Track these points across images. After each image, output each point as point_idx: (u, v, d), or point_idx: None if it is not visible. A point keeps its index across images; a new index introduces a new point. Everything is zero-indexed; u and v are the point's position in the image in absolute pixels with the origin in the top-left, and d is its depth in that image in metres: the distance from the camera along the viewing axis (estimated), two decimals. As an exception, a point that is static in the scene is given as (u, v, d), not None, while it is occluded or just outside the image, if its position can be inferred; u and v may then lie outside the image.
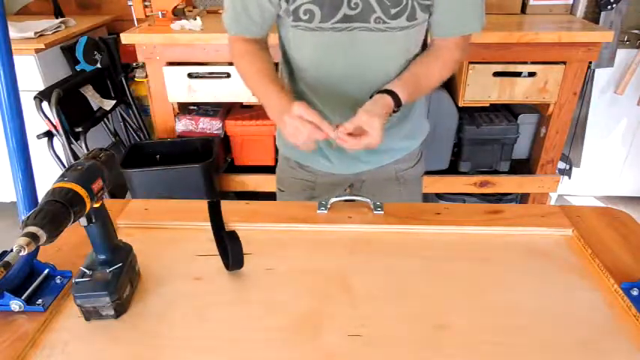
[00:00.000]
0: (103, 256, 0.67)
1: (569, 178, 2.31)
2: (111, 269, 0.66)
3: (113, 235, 0.69)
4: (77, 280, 0.65)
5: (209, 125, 2.06)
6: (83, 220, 0.63)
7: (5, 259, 0.51)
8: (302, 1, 0.86)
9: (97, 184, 0.61)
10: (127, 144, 2.35)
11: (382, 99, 0.89)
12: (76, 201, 0.57)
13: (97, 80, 2.09)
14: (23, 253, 0.50)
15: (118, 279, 0.66)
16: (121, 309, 0.66)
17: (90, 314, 0.65)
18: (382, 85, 0.94)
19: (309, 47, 0.94)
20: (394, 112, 0.91)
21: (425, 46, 1.02)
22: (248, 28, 0.97)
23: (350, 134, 0.85)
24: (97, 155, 0.64)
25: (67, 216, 0.55)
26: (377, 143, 0.85)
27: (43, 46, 1.99)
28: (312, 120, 0.83)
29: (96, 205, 0.63)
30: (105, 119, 2.17)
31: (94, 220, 0.64)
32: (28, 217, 0.53)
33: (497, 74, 1.84)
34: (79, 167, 0.60)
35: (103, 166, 0.63)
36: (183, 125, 2.06)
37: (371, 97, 0.90)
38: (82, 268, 0.66)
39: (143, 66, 2.16)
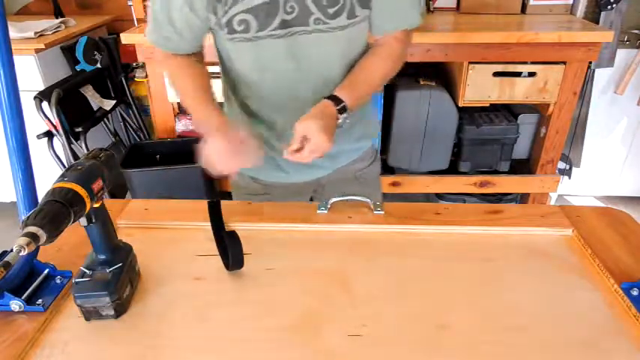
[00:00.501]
0: (103, 256, 0.67)
1: (569, 178, 2.31)
2: (111, 269, 0.66)
3: (113, 235, 0.69)
4: (77, 280, 0.65)
5: (209, 125, 2.06)
6: (83, 220, 0.63)
7: (5, 259, 0.51)
8: (235, 12, 0.83)
9: (97, 184, 0.61)
10: (127, 144, 2.35)
11: (319, 104, 0.87)
12: (76, 201, 0.57)
13: (97, 80, 2.09)
14: (23, 253, 0.50)
15: (118, 279, 0.66)
16: (121, 309, 0.66)
17: (90, 314, 0.65)
18: (330, 86, 0.93)
19: (250, 58, 0.90)
20: (340, 113, 0.88)
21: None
22: (178, 45, 0.91)
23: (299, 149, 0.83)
24: (97, 155, 0.64)
25: (67, 216, 0.55)
26: (323, 144, 0.81)
27: (43, 46, 1.99)
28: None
29: (96, 205, 0.63)
30: (105, 119, 2.17)
31: (94, 220, 0.64)
32: (28, 217, 0.53)
33: (497, 74, 1.84)
34: (79, 167, 0.60)
35: (103, 166, 0.63)
36: (183, 125, 2.07)
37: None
38: (82, 268, 0.66)
39: (143, 66, 2.16)
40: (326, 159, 1.05)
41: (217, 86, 0.99)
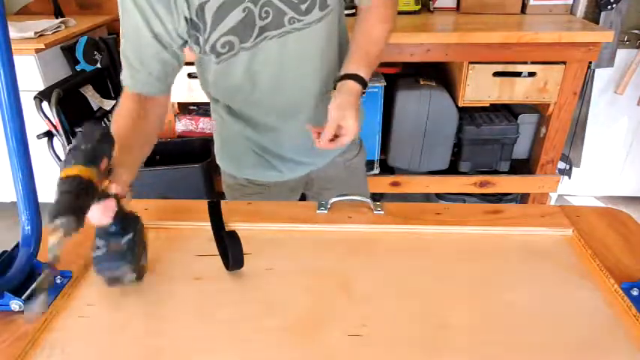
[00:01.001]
0: (114, 227, 0.68)
1: (569, 178, 2.31)
2: (124, 239, 0.68)
3: (122, 207, 0.70)
4: (95, 254, 0.67)
5: (209, 125, 2.06)
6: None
7: (49, 258, 0.54)
8: (216, 37, 0.83)
9: (104, 164, 0.62)
10: (127, 144, 2.34)
11: (346, 86, 0.88)
12: (90, 186, 0.58)
13: (97, 80, 2.09)
14: (59, 248, 0.54)
15: (133, 247, 0.68)
16: (141, 272, 0.70)
17: (112, 282, 0.68)
18: (316, 83, 0.94)
19: (237, 69, 0.90)
20: (363, 93, 0.91)
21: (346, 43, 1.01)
22: (148, 83, 0.86)
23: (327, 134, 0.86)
24: (93, 135, 0.63)
25: (86, 202, 0.57)
26: (356, 131, 0.86)
27: (43, 46, 1.99)
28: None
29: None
30: (105, 119, 2.17)
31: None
32: (53, 213, 0.54)
33: (497, 74, 1.84)
34: (83, 148, 0.60)
35: (104, 144, 0.64)
36: (183, 125, 2.07)
37: (334, 87, 0.89)
38: (95, 240, 0.68)
39: (143, 66, 2.15)
40: (317, 155, 1.06)
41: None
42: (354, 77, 0.89)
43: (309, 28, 0.87)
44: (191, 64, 0.94)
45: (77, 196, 0.56)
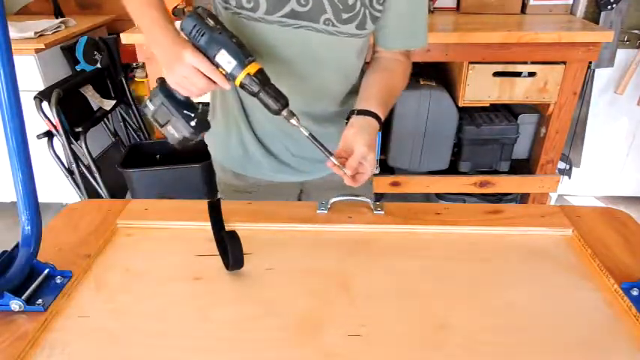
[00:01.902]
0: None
1: (569, 178, 2.31)
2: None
3: None
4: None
5: (209, 125, 2.05)
6: None
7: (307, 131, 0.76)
8: None
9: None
10: (127, 144, 2.35)
11: (373, 125, 0.85)
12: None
13: (97, 80, 2.09)
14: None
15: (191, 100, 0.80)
16: (201, 126, 0.80)
17: (162, 126, 0.80)
18: (324, 90, 0.93)
19: (250, 37, 0.85)
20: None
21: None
22: None
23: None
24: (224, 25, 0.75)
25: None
26: (369, 177, 0.83)
27: (43, 46, 1.99)
28: (206, 72, 0.75)
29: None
30: (105, 119, 2.17)
31: None
32: (283, 102, 0.76)
33: (497, 74, 1.84)
34: (239, 42, 0.75)
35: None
36: (183, 125, 2.06)
37: (348, 118, 0.86)
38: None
39: (143, 66, 2.16)
40: (310, 164, 1.04)
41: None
42: (376, 117, 0.85)
43: (338, 37, 0.85)
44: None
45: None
